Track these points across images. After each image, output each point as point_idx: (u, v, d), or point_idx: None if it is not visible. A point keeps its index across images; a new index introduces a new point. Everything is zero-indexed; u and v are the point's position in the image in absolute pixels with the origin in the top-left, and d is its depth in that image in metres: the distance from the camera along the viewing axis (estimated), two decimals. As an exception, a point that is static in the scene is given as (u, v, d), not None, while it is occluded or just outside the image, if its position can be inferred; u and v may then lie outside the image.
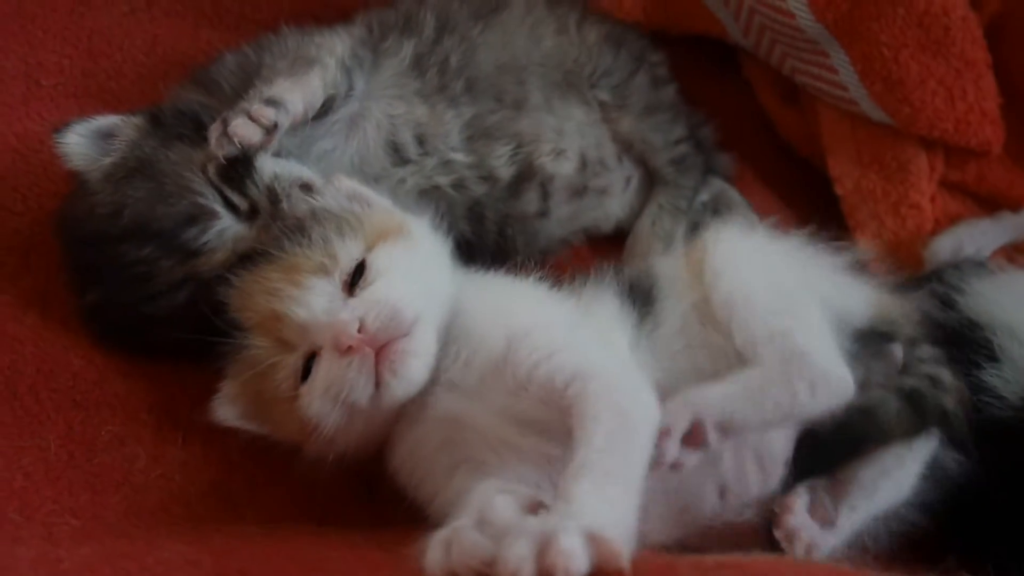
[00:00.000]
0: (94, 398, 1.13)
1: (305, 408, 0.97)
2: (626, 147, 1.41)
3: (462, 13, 1.33)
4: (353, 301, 0.97)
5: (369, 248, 1.02)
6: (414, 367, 0.97)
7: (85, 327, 1.14)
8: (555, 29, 1.37)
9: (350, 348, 0.94)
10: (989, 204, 1.52)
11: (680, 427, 0.92)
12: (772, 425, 0.97)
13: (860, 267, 1.14)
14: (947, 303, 1.18)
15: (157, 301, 1.10)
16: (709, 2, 1.49)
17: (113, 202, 1.10)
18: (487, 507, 0.86)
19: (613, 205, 1.42)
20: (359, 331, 0.94)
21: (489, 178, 1.28)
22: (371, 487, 1.12)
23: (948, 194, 1.51)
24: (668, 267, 1.13)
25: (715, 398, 0.95)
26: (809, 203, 1.55)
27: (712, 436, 0.93)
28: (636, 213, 1.44)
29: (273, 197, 1.11)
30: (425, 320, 0.98)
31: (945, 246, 1.39)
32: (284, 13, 1.43)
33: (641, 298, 1.08)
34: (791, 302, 1.03)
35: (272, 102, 1.10)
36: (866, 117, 1.45)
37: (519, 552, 0.71)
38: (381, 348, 0.95)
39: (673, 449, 0.91)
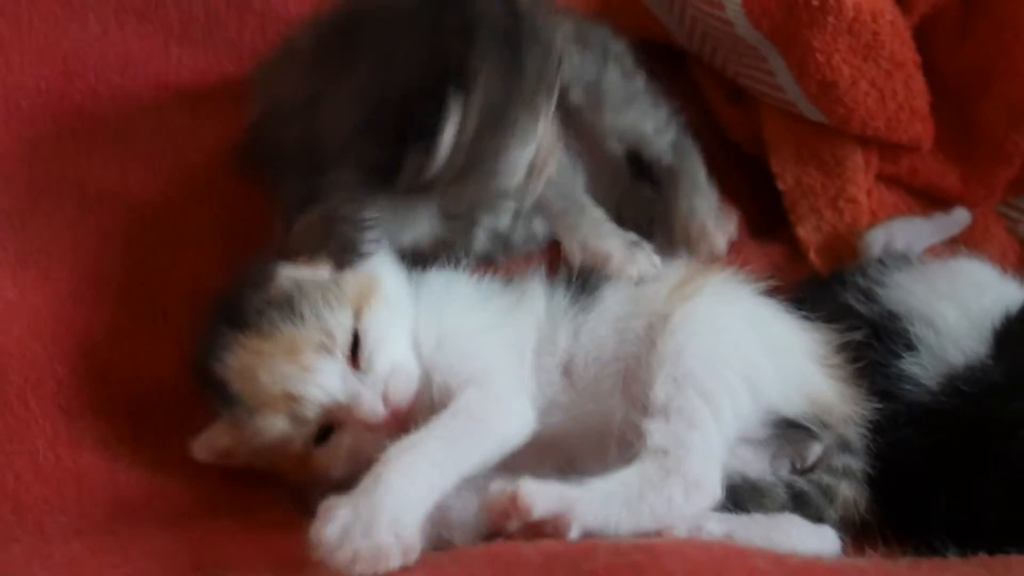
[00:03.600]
0: (78, 403, 1.19)
1: (320, 467, 1.04)
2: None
3: None
4: (366, 377, 1.03)
5: (356, 314, 1.06)
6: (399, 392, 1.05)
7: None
8: None
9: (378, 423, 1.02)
10: (923, 196, 1.60)
11: (539, 513, 0.90)
12: (641, 528, 0.94)
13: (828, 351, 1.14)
14: (869, 296, 1.24)
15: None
16: (654, 7, 1.56)
17: None
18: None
19: None
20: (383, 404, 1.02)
21: None
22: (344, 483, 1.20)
23: (884, 187, 1.59)
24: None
25: (593, 502, 0.93)
26: (754, 199, 1.63)
27: (574, 535, 0.91)
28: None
29: None
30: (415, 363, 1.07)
31: (878, 239, 1.46)
32: (249, 29, 1.49)
33: (585, 283, 1.15)
34: (725, 384, 1.03)
35: None
36: (804, 117, 1.52)
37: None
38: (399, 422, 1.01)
39: (513, 528, 0.90)
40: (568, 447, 1.08)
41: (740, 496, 1.02)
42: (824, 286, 1.34)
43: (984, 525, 1.07)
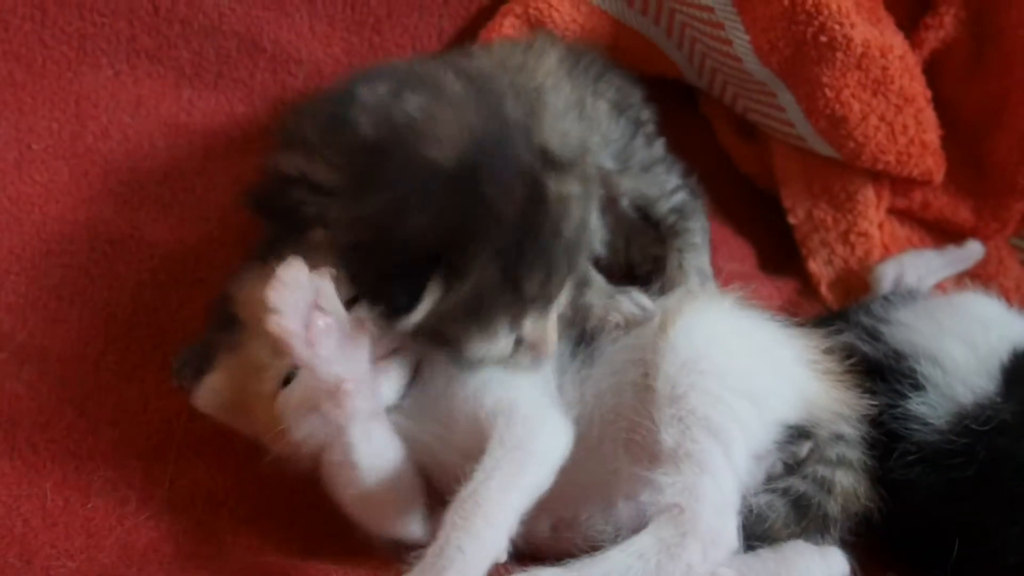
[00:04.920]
0: (87, 447, 1.20)
1: (284, 406, 1.03)
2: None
3: None
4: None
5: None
6: (386, 388, 1.05)
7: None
8: (577, 115, 1.34)
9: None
10: (935, 229, 1.59)
11: None
12: None
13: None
14: (873, 335, 1.23)
15: None
16: (665, 46, 1.56)
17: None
18: None
19: None
20: None
21: None
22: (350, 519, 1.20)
23: (896, 221, 1.58)
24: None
25: None
26: (766, 233, 1.62)
27: None
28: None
29: None
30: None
31: (888, 273, 1.45)
32: (260, 70, 1.50)
33: (583, 337, 1.15)
34: (730, 413, 1.01)
35: None
36: (815, 151, 1.52)
37: None
38: None
39: None
40: (574, 503, 1.08)
41: (744, 529, 1.00)
42: (827, 325, 1.32)
43: (998, 565, 1.08)
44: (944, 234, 1.59)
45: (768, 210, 1.63)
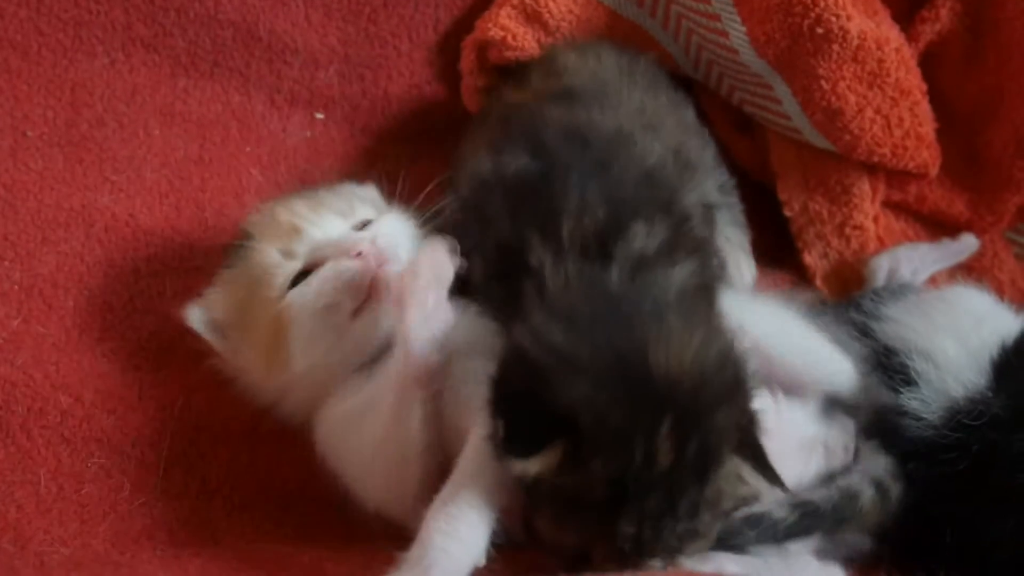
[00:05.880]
0: (81, 434, 1.20)
1: (288, 309, 1.07)
2: None
3: None
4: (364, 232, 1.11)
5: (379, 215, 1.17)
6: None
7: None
8: None
9: (359, 253, 1.06)
10: (930, 222, 1.59)
11: None
12: None
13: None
14: (864, 332, 1.22)
15: None
16: (661, 37, 1.56)
17: None
18: None
19: None
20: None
21: None
22: (343, 507, 1.20)
23: (891, 214, 1.58)
24: None
25: None
26: (761, 225, 1.62)
27: None
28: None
29: None
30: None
31: (883, 265, 1.45)
32: (256, 60, 1.50)
33: None
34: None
35: None
36: (811, 144, 1.52)
37: None
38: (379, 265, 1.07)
39: None
40: None
41: (836, 511, 1.04)
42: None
43: (991, 560, 1.08)
44: (939, 227, 1.58)
45: (764, 203, 1.62)
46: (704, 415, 0.88)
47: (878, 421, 1.14)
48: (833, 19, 1.36)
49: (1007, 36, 1.53)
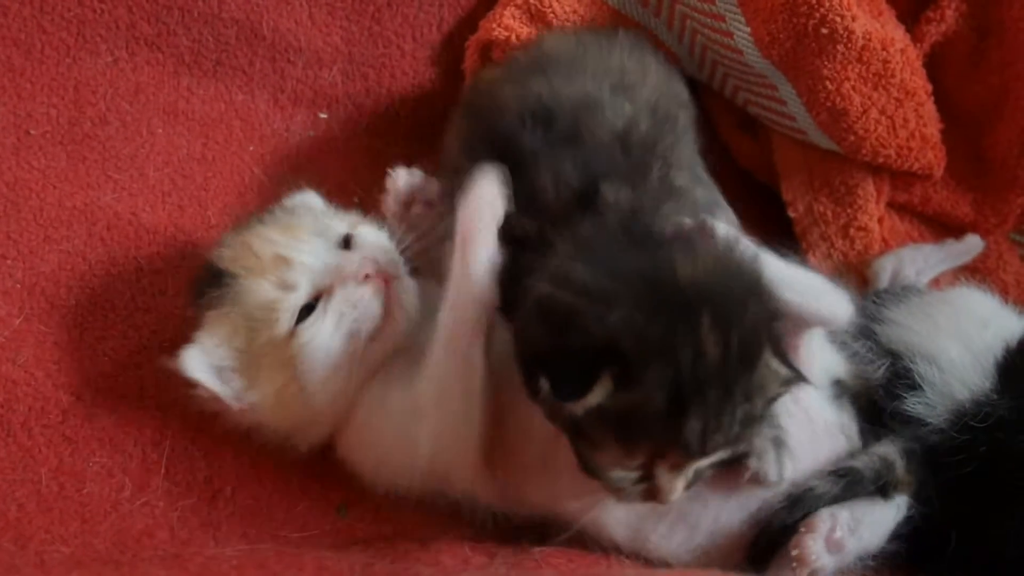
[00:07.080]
0: (83, 433, 1.20)
1: (303, 341, 1.06)
2: None
3: None
4: (351, 251, 1.11)
5: (352, 228, 1.14)
6: (411, 303, 1.10)
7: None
8: None
9: (367, 276, 1.07)
10: (934, 223, 1.59)
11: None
12: None
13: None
14: (866, 335, 1.22)
15: None
16: (665, 38, 1.56)
17: None
18: None
19: None
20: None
21: None
22: (345, 507, 1.20)
23: (896, 215, 1.58)
24: None
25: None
26: (766, 226, 1.62)
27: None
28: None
29: None
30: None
31: (886, 266, 1.44)
32: (259, 58, 1.50)
33: None
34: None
35: None
36: (815, 145, 1.52)
37: None
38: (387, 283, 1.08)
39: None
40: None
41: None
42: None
43: (998, 560, 1.08)
44: (943, 228, 1.58)
45: (768, 204, 1.62)
46: (739, 306, 0.93)
47: (881, 413, 1.16)
48: (838, 19, 1.36)
49: (1012, 37, 1.52)
